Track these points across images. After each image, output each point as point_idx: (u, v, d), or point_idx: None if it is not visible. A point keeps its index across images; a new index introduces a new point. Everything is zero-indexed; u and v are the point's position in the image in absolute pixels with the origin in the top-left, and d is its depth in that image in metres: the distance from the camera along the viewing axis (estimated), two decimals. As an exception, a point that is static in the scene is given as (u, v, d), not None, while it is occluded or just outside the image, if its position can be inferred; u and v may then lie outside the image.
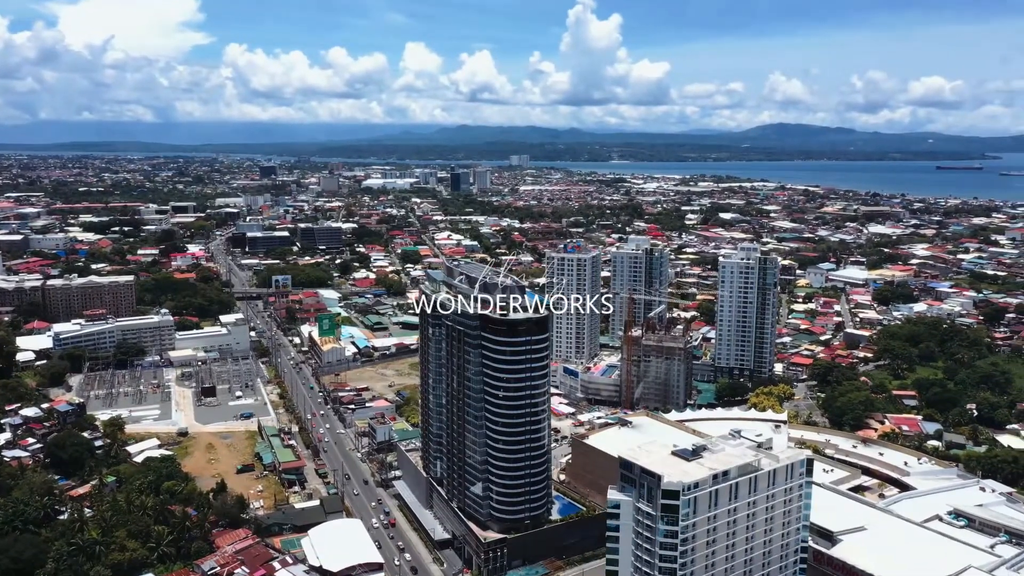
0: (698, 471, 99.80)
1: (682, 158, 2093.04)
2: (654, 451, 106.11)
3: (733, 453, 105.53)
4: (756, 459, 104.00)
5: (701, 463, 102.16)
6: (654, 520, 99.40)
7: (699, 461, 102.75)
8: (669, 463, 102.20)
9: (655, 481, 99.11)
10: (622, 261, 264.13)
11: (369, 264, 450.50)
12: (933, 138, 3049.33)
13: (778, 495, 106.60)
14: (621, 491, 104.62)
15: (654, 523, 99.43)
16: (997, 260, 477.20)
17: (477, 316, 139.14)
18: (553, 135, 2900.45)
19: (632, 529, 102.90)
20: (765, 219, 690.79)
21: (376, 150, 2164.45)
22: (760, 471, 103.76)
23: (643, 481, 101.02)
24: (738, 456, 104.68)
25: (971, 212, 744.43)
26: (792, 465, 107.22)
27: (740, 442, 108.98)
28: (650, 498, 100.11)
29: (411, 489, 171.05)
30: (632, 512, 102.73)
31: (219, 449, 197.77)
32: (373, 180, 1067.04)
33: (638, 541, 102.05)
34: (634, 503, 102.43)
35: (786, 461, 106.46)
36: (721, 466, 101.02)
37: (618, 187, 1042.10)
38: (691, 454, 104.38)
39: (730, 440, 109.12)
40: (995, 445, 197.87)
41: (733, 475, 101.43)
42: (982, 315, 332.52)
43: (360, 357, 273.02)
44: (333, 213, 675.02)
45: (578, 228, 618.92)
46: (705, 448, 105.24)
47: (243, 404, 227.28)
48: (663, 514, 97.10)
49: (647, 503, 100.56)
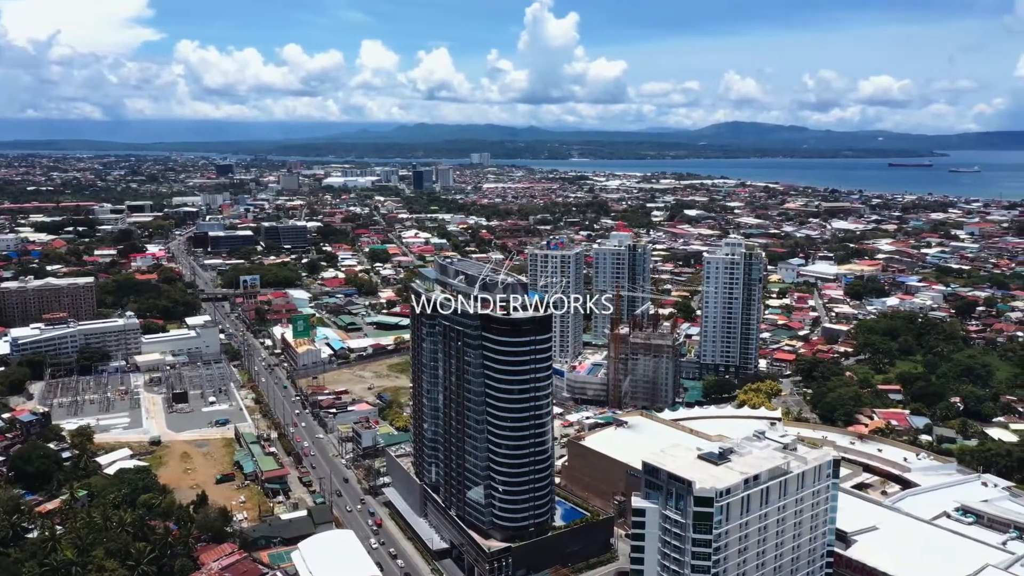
0: (729, 476, 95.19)
1: (641, 156, 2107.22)
2: (679, 455, 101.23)
3: (761, 456, 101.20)
4: (785, 462, 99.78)
5: (730, 467, 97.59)
6: (683, 528, 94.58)
7: (728, 465, 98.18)
8: (697, 468, 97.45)
9: (684, 487, 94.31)
10: (604, 258, 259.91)
11: (337, 263, 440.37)
12: (883, 136, 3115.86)
13: (806, 498, 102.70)
14: (646, 498, 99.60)
15: (684, 531, 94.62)
16: (960, 254, 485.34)
17: (478, 316, 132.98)
18: (512, 133, 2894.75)
19: (658, 538, 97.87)
20: (730, 215, 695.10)
21: (334, 148, 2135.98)
22: (790, 474, 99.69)
23: (671, 487, 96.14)
24: (766, 459, 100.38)
25: (928, 207, 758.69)
26: (820, 467, 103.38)
27: (766, 444, 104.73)
28: (679, 505, 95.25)
29: (403, 496, 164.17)
30: (658, 520, 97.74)
31: (195, 458, 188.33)
32: (334, 178, 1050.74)
33: (665, 551, 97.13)
34: (660, 510, 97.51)
35: (814, 463, 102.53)
36: (752, 470, 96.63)
37: (581, 184, 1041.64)
38: (718, 458, 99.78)
39: (755, 442, 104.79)
40: (985, 438, 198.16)
41: (763, 479, 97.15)
42: (953, 308, 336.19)
43: (336, 359, 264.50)
44: (295, 212, 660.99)
45: (545, 226, 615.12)
46: (732, 451, 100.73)
47: (217, 410, 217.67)
48: (696, 522, 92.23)
49: (675, 510, 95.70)
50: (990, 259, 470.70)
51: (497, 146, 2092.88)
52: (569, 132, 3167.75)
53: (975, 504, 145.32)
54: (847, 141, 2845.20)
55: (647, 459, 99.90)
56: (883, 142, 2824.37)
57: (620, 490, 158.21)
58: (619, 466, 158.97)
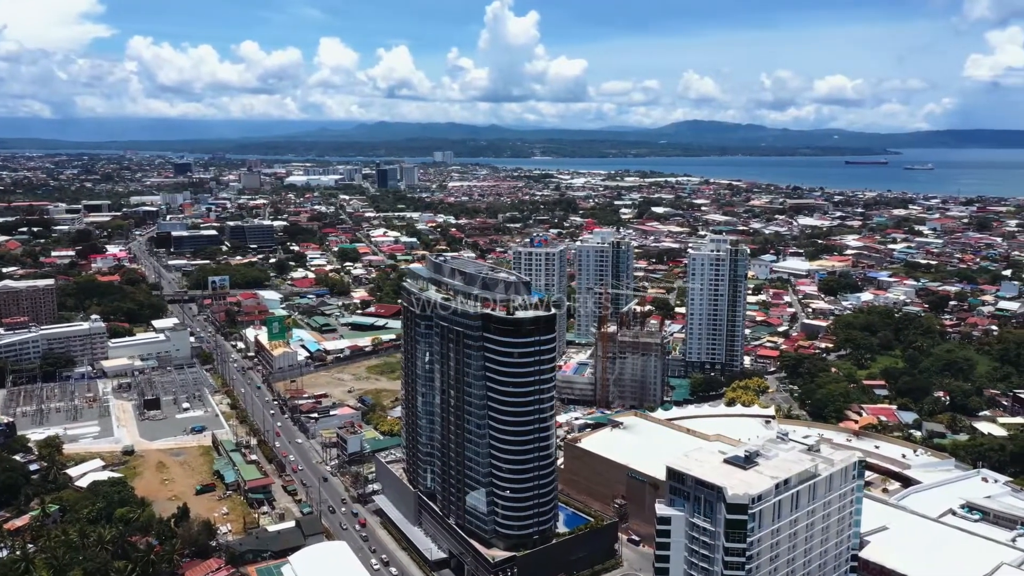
0: (760, 481, 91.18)
1: (603, 154, 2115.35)
2: (704, 459, 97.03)
3: (789, 459, 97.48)
4: (813, 465, 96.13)
5: (759, 472, 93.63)
6: (713, 536, 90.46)
7: (756, 469, 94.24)
8: (724, 473, 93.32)
9: (714, 494, 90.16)
10: (588, 255, 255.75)
11: (306, 263, 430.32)
12: (838, 134, 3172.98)
13: (833, 501, 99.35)
14: (671, 505, 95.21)
15: (714, 540, 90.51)
16: (926, 250, 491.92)
17: (479, 316, 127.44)
18: (474, 132, 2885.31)
19: (685, 547, 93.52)
20: (697, 212, 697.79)
21: (294, 147, 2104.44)
22: (818, 477, 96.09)
23: (699, 494, 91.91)
24: (795, 462, 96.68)
25: (889, 204, 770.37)
26: (846, 468, 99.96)
27: (791, 447, 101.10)
28: (707, 512, 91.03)
29: (395, 504, 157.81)
30: (685, 528, 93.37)
31: (172, 468, 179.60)
32: (296, 177, 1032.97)
33: (693, 560, 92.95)
34: (687, 518, 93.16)
35: (840, 465, 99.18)
36: (782, 474, 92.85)
37: (547, 182, 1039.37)
38: (745, 461, 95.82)
39: (780, 444, 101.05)
40: (974, 433, 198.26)
41: (793, 483, 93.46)
42: (926, 303, 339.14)
43: (312, 362, 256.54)
44: (259, 211, 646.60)
45: (515, 224, 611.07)
46: (758, 454, 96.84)
47: (192, 417, 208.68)
48: (729, 530, 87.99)
49: (704, 518, 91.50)
50: (955, 254, 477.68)
51: (460, 145, 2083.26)
52: (531, 131, 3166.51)
53: (980, 501, 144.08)
54: (804, 139, 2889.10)
55: (671, 464, 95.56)
56: (838, 140, 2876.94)
57: (620, 493, 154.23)
58: (618, 468, 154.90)
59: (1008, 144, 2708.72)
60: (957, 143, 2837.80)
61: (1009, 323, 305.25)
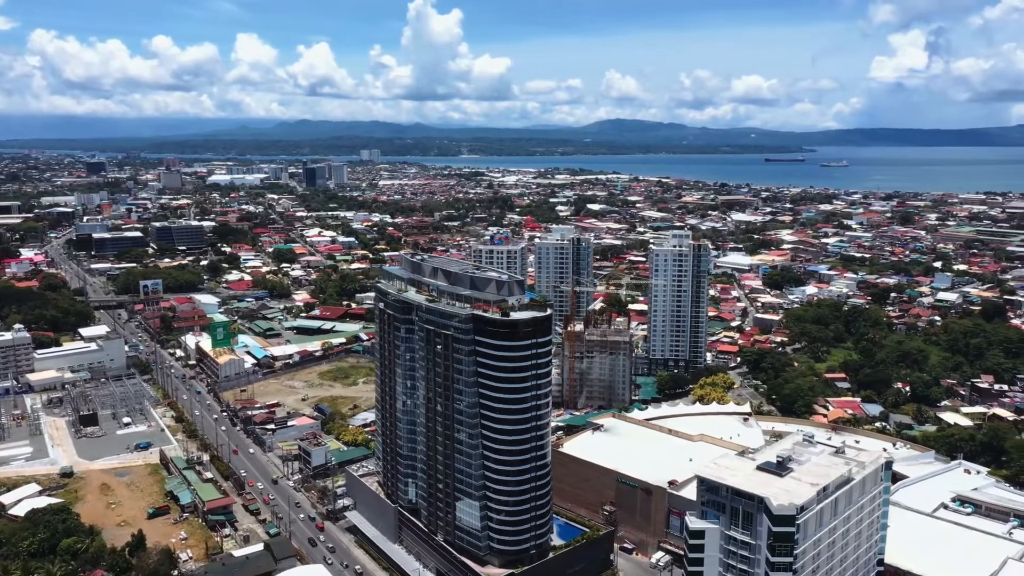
0: (801, 489, 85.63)
1: (530, 152, 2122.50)
2: (735, 467, 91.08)
3: (822, 463, 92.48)
4: (847, 469, 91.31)
5: (796, 479, 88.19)
6: (754, 550, 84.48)
7: (792, 476, 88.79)
8: (761, 481, 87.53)
9: (754, 505, 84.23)
10: (547, 252, 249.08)
11: (240, 265, 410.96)
12: (755, 133, 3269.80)
13: (865, 505, 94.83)
14: (703, 517, 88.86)
15: (754, 553, 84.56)
16: (857, 243, 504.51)
17: (470, 317, 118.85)
18: (399, 130, 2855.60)
19: (721, 562, 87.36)
20: (633, 209, 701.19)
21: (212, 145, 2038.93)
22: (853, 481, 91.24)
23: (736, 505, 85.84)
24: (830, 466, 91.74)
25: (814, 199, 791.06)
26: (876, 470, 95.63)
27: (821, 450, 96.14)
28: (746, 525, 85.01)
29: (371, 521, 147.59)
30: (720, 542, 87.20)
31: (118, 490, 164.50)
32: (219, 176, 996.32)
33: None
34: (722, 531, 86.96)
35: (871, 468, 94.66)
36: (821, 480, 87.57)
37: (478, 180, 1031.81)
38: (778, 468, 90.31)
39: (809, 447, 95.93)
40: (940, 423, 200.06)
41: (831, 490, 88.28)
42: (869, 295, 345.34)
43: (260, 369, 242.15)
44: (184, 211, 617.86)
45: (452, 222, 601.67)
46: (791, 459, 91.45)
47: (135, 432, 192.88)
48: (775, 544, 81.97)
49: (742, 531, 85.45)
50: (885, 247, 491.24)
51: (385, 143, 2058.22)
52: (456, 129, 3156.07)
53: (969, 494, 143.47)
54: (723, 137, 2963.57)
55: (703, 474, 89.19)
56: (756, 139, 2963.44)
57: (609, 499, 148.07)
58: (607, 474, 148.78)
59: (910, 142, 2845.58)
60: (865, 141, 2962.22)
61: (949, 313, 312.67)
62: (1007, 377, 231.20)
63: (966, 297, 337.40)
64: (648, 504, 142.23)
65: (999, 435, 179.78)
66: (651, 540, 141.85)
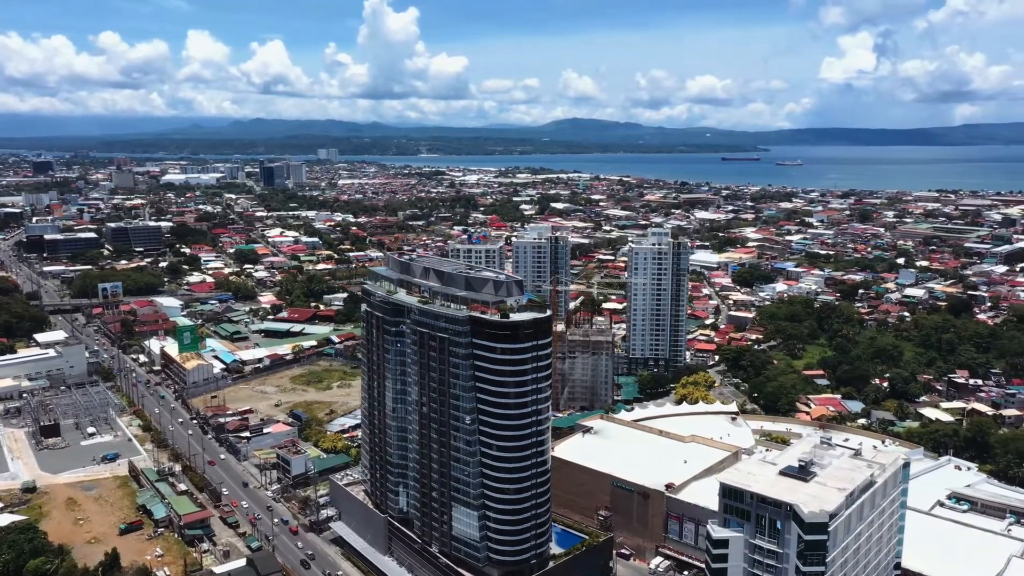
0: (829, 495, 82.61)
1: (489, 151, 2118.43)
2: (757, 472, 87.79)
3: (844, 467, 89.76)
4: (871, 472, 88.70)
5: (822, 483, 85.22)
6: (782, 559, 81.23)
7: (817, 481, 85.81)
8: (786, 487, 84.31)
9: (781, 512, 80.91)
10: (525, 251, 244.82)
11: (201, 266, 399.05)
12: (710, 132, 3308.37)
13: (886, 508, 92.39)
14: (725, 525, 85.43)
15: (782, 563, 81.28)
16: (820, 240, 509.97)
17: (467, 319, 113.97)
18: (355, 129, 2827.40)
19: (746, 572, 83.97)
20: (597, 208, 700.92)
21: (164, 144, 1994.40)
22: (875, 484, 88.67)
23: (761, 512, 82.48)
24: (851, 469, 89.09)
25: (773, 197, 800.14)
26: (896, 473, 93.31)
27: (841, 453, 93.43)
28: (773, 533, 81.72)
29: (358, 531, 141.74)
30: (744, 551, 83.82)
31: (85, 505, 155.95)
32: (174, 175, 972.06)
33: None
34: (747, 540, 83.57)
35: (891, 470, 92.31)
36: (847, 485, 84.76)
37: (440, 179, 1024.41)
38: (801, 472, 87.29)
39: (829, 451, 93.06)
40: (921, 419, 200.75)
41: (856, 494, 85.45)
42: (838, 292, 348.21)
43: (229, 374, 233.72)
44: (138, 211, 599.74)
45: (417, 221, 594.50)
46: (812, 463, 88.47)
47: (101, 443, 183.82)
48: (807, 552, 78.72)
49: (768, 539, 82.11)
50: (848, 244, 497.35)
51: (343, 142, 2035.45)
52: (414, 128, 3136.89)
53: (965, 490, 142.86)
54: (679, 137, 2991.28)
55: (725, 480, 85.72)
56: (711, 138, 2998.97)
57: (604, 504, 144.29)
58: (601, 478, 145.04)
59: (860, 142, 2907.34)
60: (817, 141, 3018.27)
61: (917, 309, 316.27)
62: (981, 372, 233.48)
63: (932, 293, 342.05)
64: (645, 508, 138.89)
65: (983, 430, 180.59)
66: (649, 545, 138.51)
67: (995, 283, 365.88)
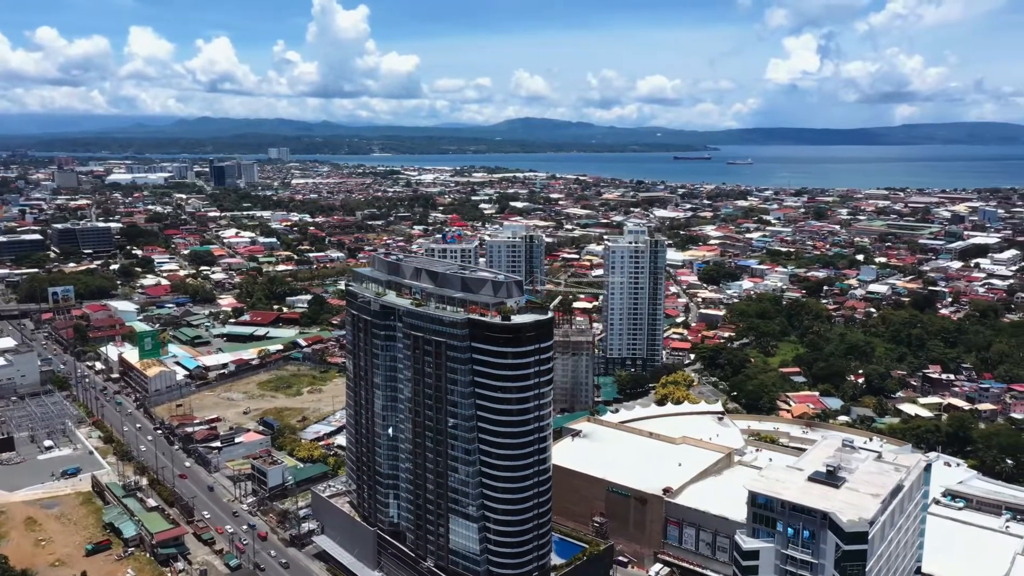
0: (864, 501, 79.53)
1: (443, 151, 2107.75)
2: (785, 479, 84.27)
3: (871, 471, 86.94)
4: (900, 477, 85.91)
5: (853, 489, 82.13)
6: (817, 570, 77.73)
7: (848, 487, 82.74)
8: (819, 495, 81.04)
9: (815, 520, 77.51)
10: (499, 250, 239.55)
11: (154, 268, 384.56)
12: (661, 132, 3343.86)
13: (911, 512, 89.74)
14: (754, 535, 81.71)
15: (817, 573, 77.75)
16: (779, 238, 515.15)
17: (466, 322, 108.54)
18: (306, 128, 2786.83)
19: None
20: (556, 206, 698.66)
21: (107, 143, 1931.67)
22: (903, 489, 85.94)
23: (793, 521, 78.91)
24: (878, 473, 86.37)
25: (728, 196, 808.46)
26: (919, 476, 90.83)
27: (865, 456, 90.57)
28: (806, 543, 78.22)
29: (344, 545, 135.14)
30: (776, 562, 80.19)
31: (47, 524, 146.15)
32: (119, 175, 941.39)
33: (789, 597, 79.71)
34: (779, 550, 79.96)
35: (916, 473, 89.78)
36: (880, 491, 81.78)
37: (395, 179, 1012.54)
38: (830, 478, 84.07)
39: (853, 454, 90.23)
40: (900, 415, 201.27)
41: (887, 500, 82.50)
42: (803, 289, 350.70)
43: (193, 381, 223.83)
44: (84, 212, 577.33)
45: (376, 221, 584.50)
46: (840, 468, 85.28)
47: (60, 457, 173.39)
48: (846, 563, 75.38)
49: (802, 549, 78.56)
50: (807, 241, 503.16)
51: (293, 141, 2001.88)
52: (365, 127, 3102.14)
53: (958, 487, 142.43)
54: (630, 136, 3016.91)
55: (754, 488, 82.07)
56: (662, 137, 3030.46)
57: (599, 510, 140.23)
58: (596, 483, 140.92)
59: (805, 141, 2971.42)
60: (764, 140, 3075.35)
61: (882, 305, 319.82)
62: (952, 367, 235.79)
63: (894, 289, 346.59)
64: (643, 514, 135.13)
65: (964, 425, 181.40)
66: (647, 552, 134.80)
67: (952, 279, 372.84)
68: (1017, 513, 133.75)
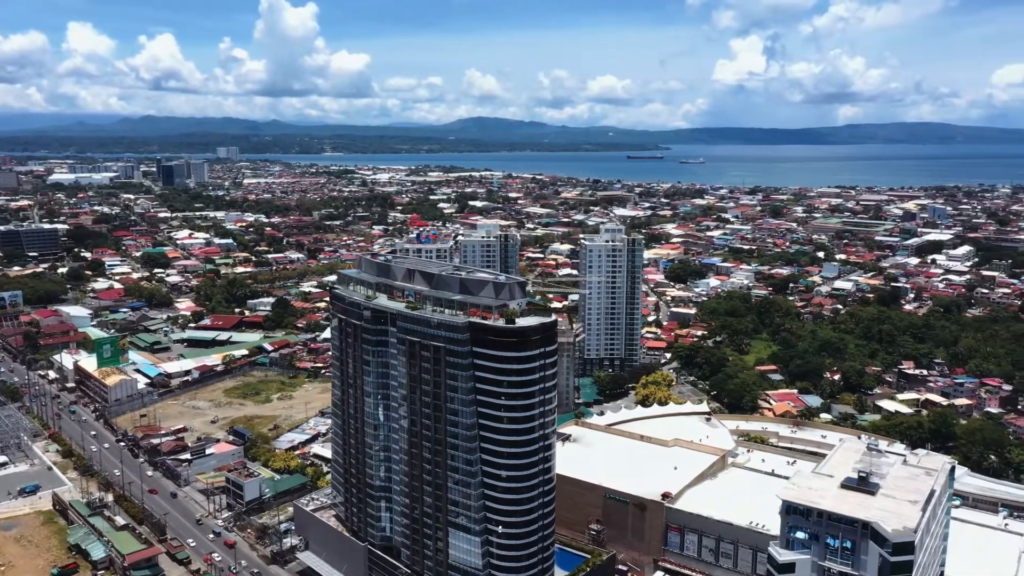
0: (903, 509, 76.34)
1: (395, 150, 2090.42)
2: (818, 487, 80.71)
3: (903, 475, 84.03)
4: (933, 480, 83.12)
5: (891, 496, 78.93)
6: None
7: (884, 494, 79.51)
8: (855, 502, 77.57)
9: (855, 531, 74.05)
10: (474, 249, 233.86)
11: (106, 271, 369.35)
12: (612, 131, 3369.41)
13: (940, 516, 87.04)
14: (788, 547, 77.97)
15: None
16: (739, 236, 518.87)
17: (467, 326, 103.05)
18: (254, 127, 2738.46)
19: (815, 596, 76.69)
20: (516, 205, 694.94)
21: (46, 142, 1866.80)
22: (936, 493, 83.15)
23: (832, 531, 75.34)
24: (910, 478, 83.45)
25: (685, 194, 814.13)
26: (946, 479, 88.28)
27: (893, 460, 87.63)
28: (847, 555, 74.72)
29: (331, 563, 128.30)
30: (814, 574, 76.54)
31: (5, 547, 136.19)
32: (62, 175, 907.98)
33: (828, 611, 76.11)
34: (816, 562, 76.35)
35: (943, 475, 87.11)
36: (917, 497, 78.73)
37: (350, 178, 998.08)
38: (864, 484, 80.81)
39: (880, 457, 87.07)
40: (880, 411, 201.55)
41: (925, 507, 79.49)
42: (769, 286, 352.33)
43: (155, 389, 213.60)
44: (27, 213, 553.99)
45: (334, 221, 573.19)
46: (872, 473, 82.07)
47: (16, 473, 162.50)
48: (892, 575, 71.88)
49: (842, 561, 75.04)
50: (767, 239, 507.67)
51: (241, 140, 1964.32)
52: (316, 126, 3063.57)
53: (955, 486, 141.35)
54: (582, 136, 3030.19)
55: (787, 496, 78.31)
56: (613, 136, 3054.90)
57: (595, 517, 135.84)
58: (592, 489, 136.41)
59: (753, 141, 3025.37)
60: (713, 139, 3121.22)
61: (847, 301, 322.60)
62: (925, 362, 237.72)
63: (858, 285, 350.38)
64: (642, 521, 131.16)
65: (946, 421, 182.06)
66: (646, 559, 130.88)
67: (912, 275, 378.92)
68: (1013, 510, 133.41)
